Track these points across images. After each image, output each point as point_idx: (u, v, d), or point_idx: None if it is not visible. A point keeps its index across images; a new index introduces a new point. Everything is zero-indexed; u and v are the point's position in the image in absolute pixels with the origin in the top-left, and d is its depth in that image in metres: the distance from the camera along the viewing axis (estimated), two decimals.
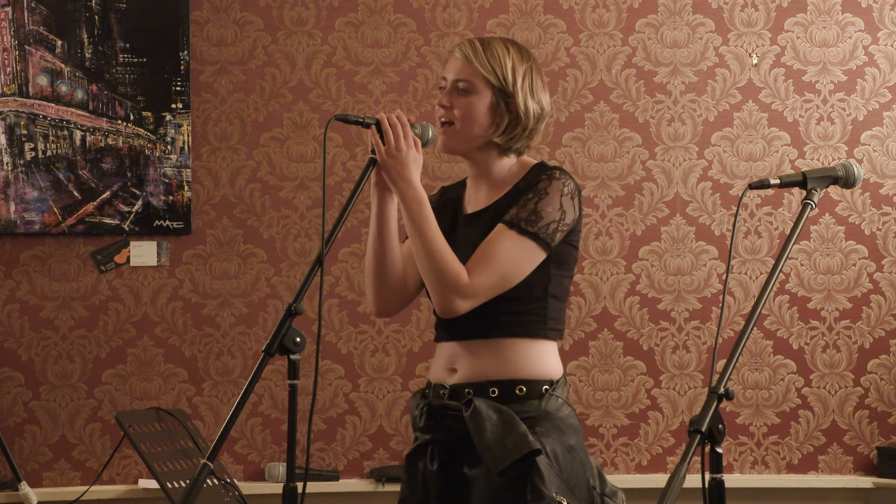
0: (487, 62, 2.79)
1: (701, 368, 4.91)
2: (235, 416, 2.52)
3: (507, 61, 2.79)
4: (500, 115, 2.80)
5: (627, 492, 2.96)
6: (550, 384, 2.76)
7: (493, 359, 2.76)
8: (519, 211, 2.73)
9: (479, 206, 2.86)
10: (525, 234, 2.71)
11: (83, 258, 4.82)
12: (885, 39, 4.93)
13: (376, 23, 4.89)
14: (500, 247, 2.72)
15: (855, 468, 4.91)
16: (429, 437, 2.81)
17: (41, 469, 4.79)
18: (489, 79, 2.79)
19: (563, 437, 2.74)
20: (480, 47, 2.81)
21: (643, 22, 4.92)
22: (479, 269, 2.71)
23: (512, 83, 2.79)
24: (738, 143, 4.92)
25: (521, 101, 2.79)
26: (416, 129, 2.79)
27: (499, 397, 2.73)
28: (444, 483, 2.78)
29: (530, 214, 2.72)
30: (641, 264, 4.91)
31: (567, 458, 2.73)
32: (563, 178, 2.75)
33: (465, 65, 2.80)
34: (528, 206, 2.72)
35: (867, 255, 4.91)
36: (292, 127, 4.87)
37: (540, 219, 2.72)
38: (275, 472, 4.77)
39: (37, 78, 4.77)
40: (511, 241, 2.72)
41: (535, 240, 2.72)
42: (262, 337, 4.82)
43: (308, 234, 4.86)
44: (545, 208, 2.72)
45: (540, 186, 2.74)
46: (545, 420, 2.74)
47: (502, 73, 2.79)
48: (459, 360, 2.80)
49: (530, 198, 2.73)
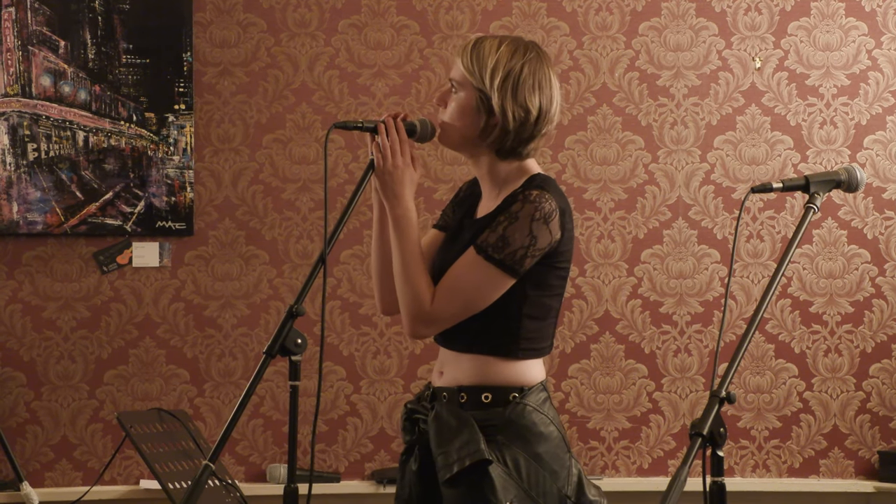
0: (470, 62, 2.76)
1: (702, 372, 4.91)
2: (237, 417, 2.52)
3: (490, 61, 2.75)
4: (479, 115, 2.76)
5: (628, 495, 2.96)
6: (520, 391, 2.74)
7: (468, 367, 2.77)
8: (489, 235, 2.70)
9: (483, 210, 2.85)
10: (491, 260, 2.69)
11: (85, 259, 4.82)
12: (889, 44, 4.93)
13: (379, 25, 4.89)
14: (465, 273, 2.71)
15: (856, 472, 4.91)
16: (408, 437, 2.85)
17: (43, 469, 4.79)
18: (470, 79, 2.77)
19: (526, 446, 2.71)
20: (471, 47, 2.79)
21: (646, 25, 4.92)
22: (443, 296, 2.72)
23: (489, 84, 2.74)
24: (740, 146, 4.92)
25: (498, 102, 2.73)
26: (416, 125, 2.80)
27: (467, 403, 2.74)
28: (423, 485, 2.79)
29: (498, 240, 2.69)
30: (643, 267, 4.91)
31: (531, 466, 2.70)
32: (539, 200, 2.69)
33: (456, 65, 2.80)
34: (498, 230, 2.69)
35: (869, 259, 4.91)
36: (295, 129, 4.87)
37: (507, 245, 2.68)
38: (276, 473, 4.77)
39: (40, 78, 4.78)
40: (477, 267, 2.70)
41: (501, 267, 2.69)
42: (263, 338, 4.82)
43: (310, 235, 4.86)
44: (513, 234, 2.68)
45: (513, 209, 2.70)
46: (508, 428, 2.71)
47: (480, 73, 2.75)
48: (445, 365, 2.82)
49: (501, 220, 2.70)
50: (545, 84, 2.77)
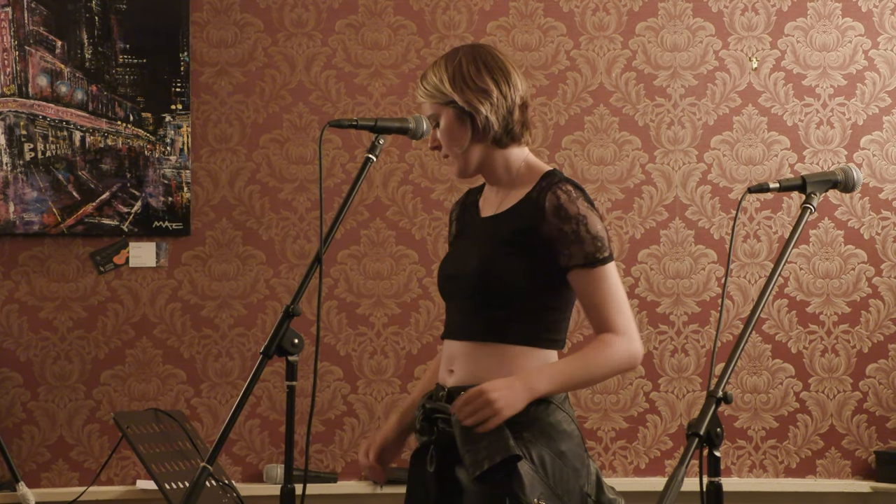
0: (426, 89, 2.87)
1: (699, 372, 4.91)
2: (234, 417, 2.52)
3: (437, 76, 2.85)
4: (463, 124, 2.84)
5: (625, 495, 2.96)
6: None
7: (487, 362, 2.77)
8: (580, 248, 2.75)
9: (494, 209, 2.90)
10: (605, 262, 2.76)
11: (82, 259, 4.82)
12: (886, 44, 4.93)
13: (376, 25, 4.89)
14: (606, 291, 2.76)
15: (853, 472, 4.91)
16: (425, 438, 2.83)
17: (39, 470, 4.78)
18: (438, 101, 2.86)
19: (551, 443, 2.73)
20: (420, 80, 2.90)
21: (643, 25, 4.92)
22: (611, 319, 2.75)
23: (449, 92, 2.83)
24: (737, 146, 4.92)
25: (461, 99, 2.82)
26: (409, 122, 2.85)
27: None
28: (442, 486, 2.79)
29: (593, 242, 2.75)
30: (640, 267, 4.91)
31: (556, 464, 2.73)
32: (581, 190, 2.80)
33: (422, 103, 2.90)
34: (582, 236, 2.75)
35: (866, 259, 4.91)
36: (292, 129, 4.87)
37: (600, 240, 2.76)
38: (273, 473, 4.77)
39: (36, 78, 4.77)
40: (604, 278, 2.76)
41: (612, 259, 2.78)
42: (260, 338, 4.82)
43: (307, 235, 4.86)
44: (595, 228, 2.76)
45: (570, 213, 2.76)
46: (533, 425, 2.73)
47: (438, 91, 2.85)
48: (457, 362, 2.82)
49: (574, 229, 2.75)
50: (490, 62, 2.87)
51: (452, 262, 2.93)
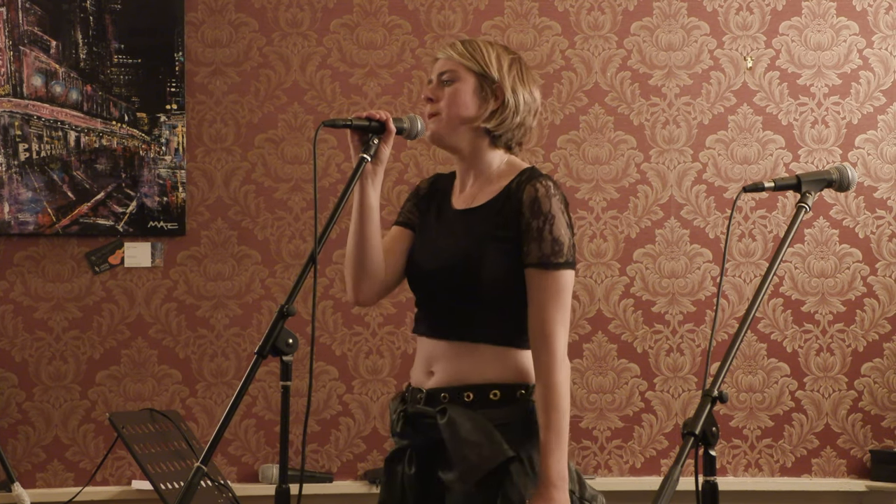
0: (467, 52, 2.82)
1: (695, 371, 4.91)
2: (229, 417, 2.51)
3: (490, 51, 2.82)
4: (486, 98, 2.80)
5: (621, 494, 2.97)
6: (526, 388, 2.75)
7: (470, 362, 2.75)
8: (538, 246, 2.71)
9: (469, 202, 2.84)
10: (559, 266, 2.72)
11: (77, 259, 4.81)
12: (880, 43, 4.93)
13: (371, 24, 4.89)
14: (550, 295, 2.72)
15: (848, 471, 4.91)
16: (406, 442, 2.81)
17: (34, 470, 4.78)
18: (470, 66, 2.81)
19: (537, 443, 2.72)
20: (461, 43, 2.85)
21: (638, 25, 4.93)
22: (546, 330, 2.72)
23: (497, 69, 2.80)
24: (732, 146, 4.92)
25: (509, 85, 2.80)
26: (403, 122, 2.80)
27: (473, 402, 2.72)
28: (421, 488, 2.78)
29: (552, 245, 2.71)
30: (636, 267, 4.91)
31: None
32: (557, 191, 2.75)
33: (446, 60, 2.83)
34: (544, 236, 2.71)
35: (861, 258, 4.92)
36: (287, 128, 4.87)
37: (561, 245, 2.72)
38: (268, 473, 4.77)
39: (31, 78, 4.77)
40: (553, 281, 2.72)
41: (568, 266, 2.73)
42: (256, 338, 4.81)
43: (303, 235, 4.86)
44: (559, 232, 2.72)
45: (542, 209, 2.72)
46: (519, 425, 2.72)
47: (483, 60, 2.81)
48: (437, 363, 2.78)
49: (539, 226, 2.71)
50: (533, 75, 2.88)
51: (429, 256, 2.85)
